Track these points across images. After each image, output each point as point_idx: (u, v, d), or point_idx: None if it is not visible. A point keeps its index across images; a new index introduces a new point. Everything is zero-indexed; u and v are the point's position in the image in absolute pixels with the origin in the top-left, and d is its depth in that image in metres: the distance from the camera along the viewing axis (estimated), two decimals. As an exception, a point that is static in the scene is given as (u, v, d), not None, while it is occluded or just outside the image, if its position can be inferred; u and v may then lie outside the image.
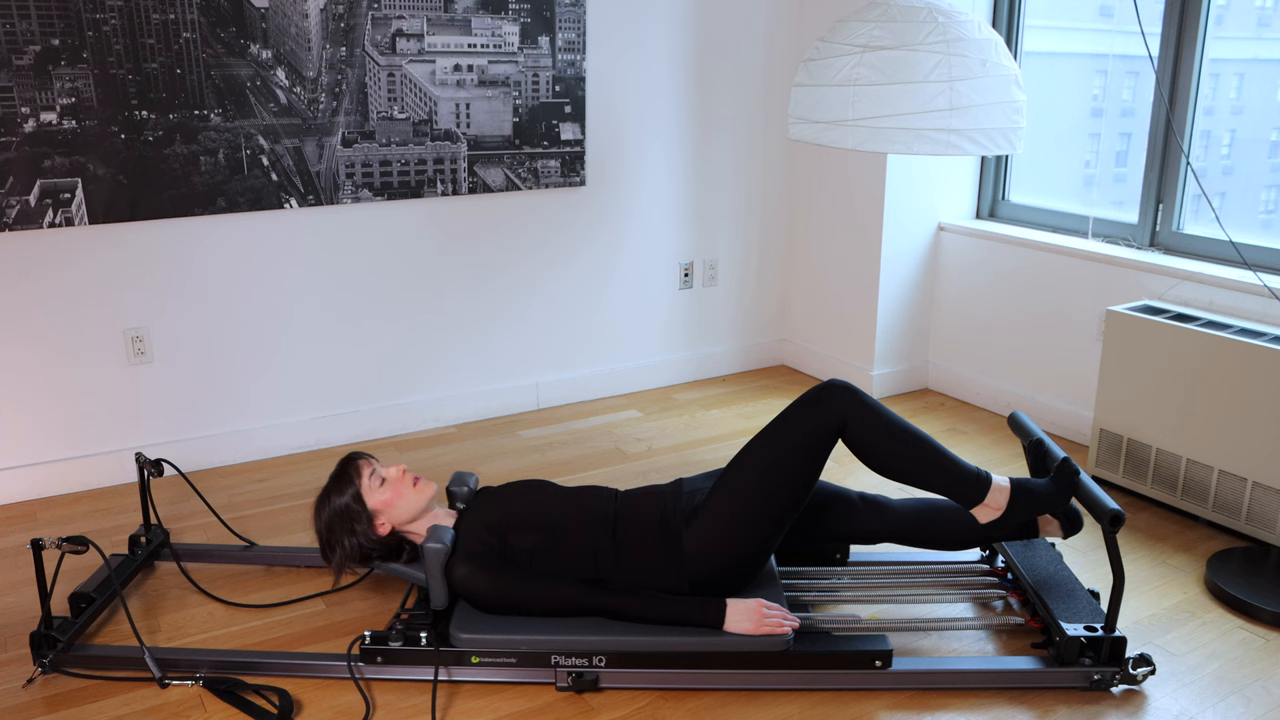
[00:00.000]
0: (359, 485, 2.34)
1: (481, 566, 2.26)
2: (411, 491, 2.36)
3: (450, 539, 2.28)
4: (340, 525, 2.33)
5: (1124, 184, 3.57)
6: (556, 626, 2.26)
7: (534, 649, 2.24)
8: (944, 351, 4.13)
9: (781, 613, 2.26)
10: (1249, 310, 3.05)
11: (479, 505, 2.39)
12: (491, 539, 2.31)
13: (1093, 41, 3.70)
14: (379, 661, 2.27)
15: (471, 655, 2.25)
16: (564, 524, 2.33)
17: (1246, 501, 2.85)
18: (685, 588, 2.30)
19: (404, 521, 2.36)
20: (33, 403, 3.14)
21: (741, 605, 2.25)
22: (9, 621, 2.54)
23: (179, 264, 3.24)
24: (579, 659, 2.24)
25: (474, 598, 2.29)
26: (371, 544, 2.35)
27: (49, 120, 2.95)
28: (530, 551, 2.30)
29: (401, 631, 2.27)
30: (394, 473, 2.38)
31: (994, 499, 2.33)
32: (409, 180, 3.51)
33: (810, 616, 2.44)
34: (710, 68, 4.01)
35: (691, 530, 2.29)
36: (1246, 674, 2.33)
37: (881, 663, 2.24)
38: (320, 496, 2.38)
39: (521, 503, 2.38)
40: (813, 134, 2.48)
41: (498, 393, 3.89)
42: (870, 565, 2.70)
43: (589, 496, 2.40)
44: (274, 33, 3.19)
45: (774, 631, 2.23)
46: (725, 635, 2.23)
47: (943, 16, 2.37)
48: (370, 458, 2.42)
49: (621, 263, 4.03)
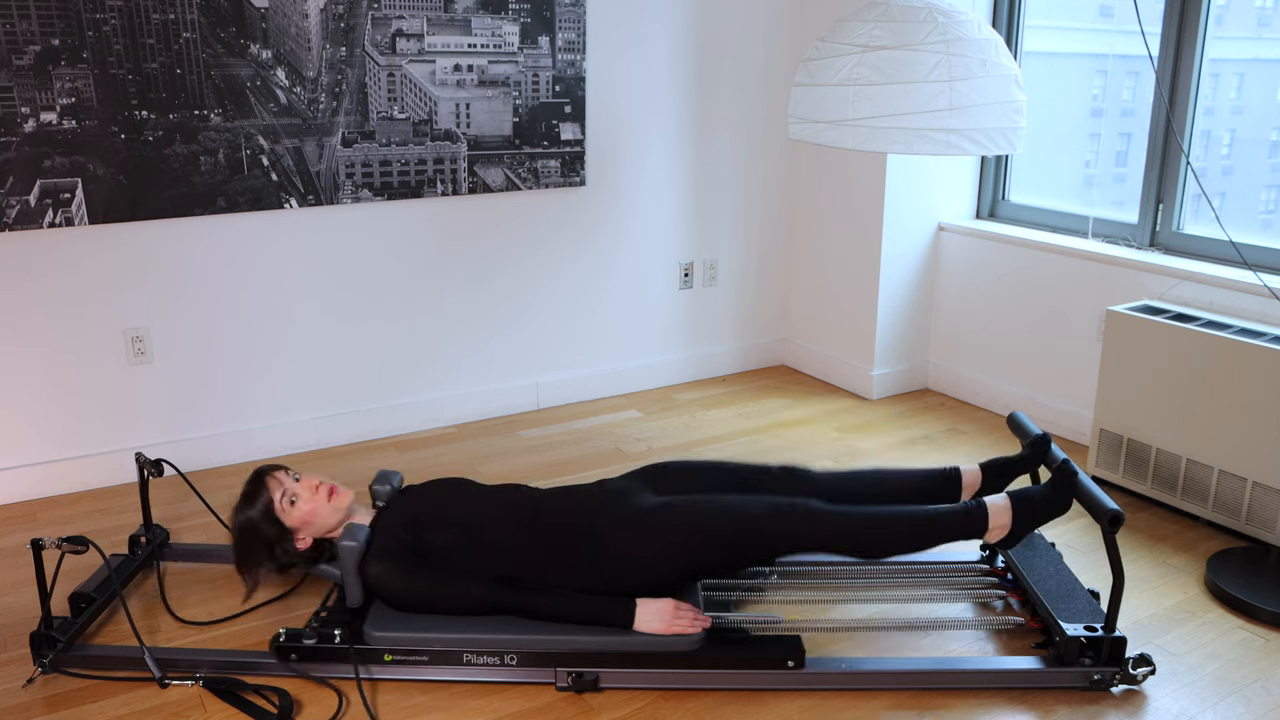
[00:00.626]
0: (274, 509, 2.34)
1: (395, 564, 2.27)
2: (327, 506, 2.36)
3: (364, 537, 2.30)
4: (261, 550, 2.35)
5: (1124, 184, 3.57)
6: (468, 625, 2.27)
7: (446, 647, 2.25)
8: (944, 351, 4.13)
9: (693, 612, 2.27)
10: (1249, 310, 3.05)
11: (398, 503, 2.40)
12: (407, 536, 2.31)
13: (1093, 41, 3.70)
14: (293, 659, 2.28)
15: (385, 653, 2.26)
16: (480, 522, 2.33)
17: (1246, 501, 2.85)
18: (598, 588, 2.30)
19: (324, 532, 2.39)
20: (32, 403, 3.14)
21: (652, 605, 2.26)
22: (9, 621, 2.54)
23: (179, 264, 3.24)
24: (490, 656, 2.25)
25: (387, 595, 2.29)
26: (294, 559, 2.38)
27: (49, 120, 2.95)
28: (446, 549, 2.31)
29: (316, 629, 2.28)
30: (305, 491, 2.36)
31: (997, 520, 2.31)
32: (409, 180, 3.51)
33: (725, 616, 2.44)
34: (710, 68, 4.01)
35: (616, 536, 2.29)
36: (1246, 674, 2.33)
37: (793, 663, 2.23)
38: (236, 520, 2.37)
39: (439, 500, 2.39)
40: (813, 134, 2.48)
41: (498, 393, 3.89)
42: (799, 565, 2.71)
43: (508, 494, 2.41)
44: (274, 33, 3.19)
45: (684, 631, 2.23)
46: (635, 634, 2.24)
47: (943, 16, 2.37)
48: (279, 471, 2.40)
49: (621, 263, 4.03)
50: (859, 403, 4.05)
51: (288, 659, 2.28)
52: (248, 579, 2.39)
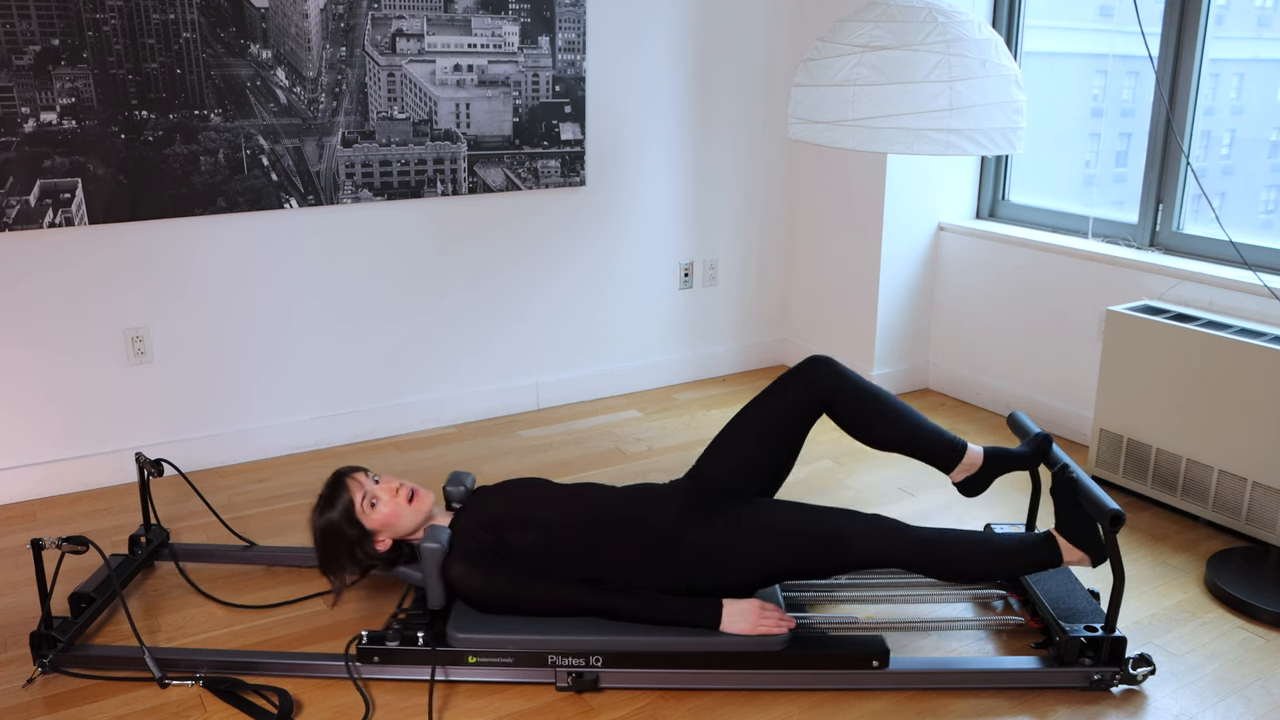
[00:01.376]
0: (355, 512, 2.33)
1: (477, 566, 2.26)
2: (408, 509, 2.34)
3: (447, 539, 2.28)
4: (343, 552, 2.33)
5: (1124, 184, 3.57)
6: (553, 626, 2.26)
7: (530, 649, 2.24)
8: (944, 351, 4.13)
9: (778, 613, 2.26)
10: (1249, 310, 3.05)
11: (475, 504, 2.39)
12: (488, 538, 2.30)
13: (1093, 41, 3.70)
14: (376, 661, 2.27)
15: (469, 655, 2.25)
16: (561, 523, 2.32)
17: (1246, 501, 2.85)
18: (681, 589, 2.30)
19: (405, 534, 2.37)
20: (32, 403, 3.14)
21: (737, 606, 2.25)
22: (9, 621, 2.54)
23: (179, 264, 3.24)
24: (575, 659, 2.24)
25: (470, 597, 2.29)
26: (374, 560, 2.36)
27: (49, 120, 2.95)
28: (526, 550, 2.30)
29: (398, 631, 2.27)
30: (385, 494, 2.34)
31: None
32: (409, 180, 3.51)
33: (808, 617, 2.44)
34: (710, 68, 4.01)
35: (700, 538, 2.29)
36: (1246, 674, 2.33)
37: (879, 663, 2.23)
38: (318, 523, 2.35)
39: (517, 501, 2.38)
40: (813, 134, 2.48)
41: (498, 393, 3.89)
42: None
43: (586, 494, 2.40)
44: (274, 33, 3.19)
45: (770, 632, 2.23)
46: (721, 635, 2.23)
47: (943, 16, 2.37)
48: (359, 473, 2.38)
49: (621, 263, 4.03)
50: (859, 403, 4.04)
51: (370, 661, 2.27)
52: (334, 580, 2.37)
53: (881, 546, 2.26)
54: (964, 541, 2.29)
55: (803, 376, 2.43)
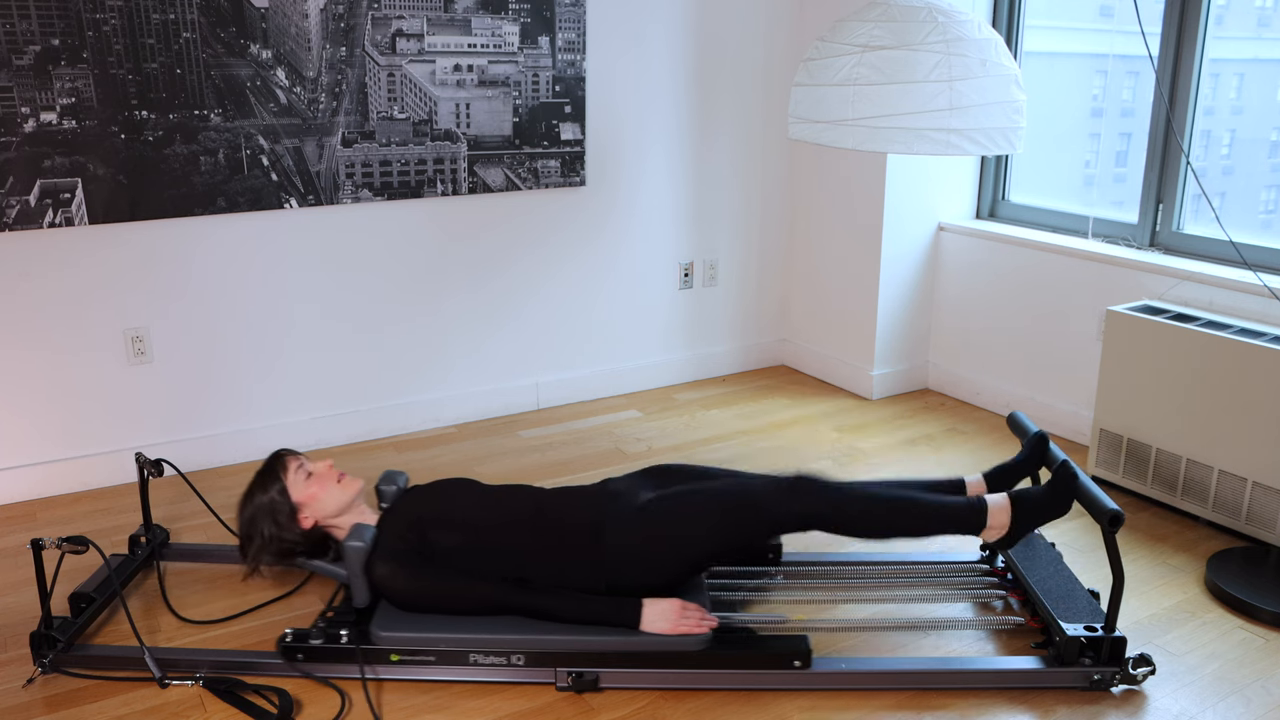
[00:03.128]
0: (284, 479, 2.38)
1: (401, 565, 2.27)
2: (336, 487, 2.39)
3: (371, 537, 2.31)
4: (263, 517, 2.36)
5: (1124, 184, 3.57)
6: (474, 624, 2.27)
7: (452, 647, 2.26)
8: (944, 351, 4.13)
9: (699, 613, 2.27)
10: (1249, 310, 3.05)
11: (403, 504, 2.40)
12: (412, 537, 2.32)
13: (1093, 41, 3.70)
14: (300, 659, 2.28)
15: (391, 653, 2.26)
16: (485, 523, 2.34)
17: (1246, 501, 2.85)
18: (601, 588, 2.30)
19: (328, 516, 2.39)
20: (32, 403, 3.14)
21: (658, 605, 2.26)
22: (9, 621, 2.54)
23: (179, 264, 3.24)
24: (497, 656, 2.25)
25: (394, 596, 2.30)
26: (294, 538, 2.37)
27: (49, 120, 2.95)
28: (451, 551, 2.32)
29: (323, 629, 2.29)
30: (321, 468, 2.42)
31: (995, 519, 2.31)
32: (409, 180, 3.51)
33: (731, 616, 2.44)
34: (710, 68, 4.01)
35: (617, 534, 2.29)
36: (1246, 674, 2.33)
37: (800, 662, 2.23)
38: (246, 490, 2.41)
39: (445, 501, 2.39)
40: (813, 134, 2.48)
41: (498, 393, 3.89)
42: (802, 565, 2.71)
43: (512, 495, 2.42)
44: (274, 33, 3.19)
45: (690, 631, 2.24)
46: (642, 635, 2.24)
47: (943, 16, 2.37)
48: (298, 454, 2.45)
49: (621, 263, 4.03)
50: (859, 403, 4.05)
51: (294, 659, 2.28)
52: (249, 550, 2.38)
53: (794, 506, 2.25)
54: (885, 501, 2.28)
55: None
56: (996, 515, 2.30)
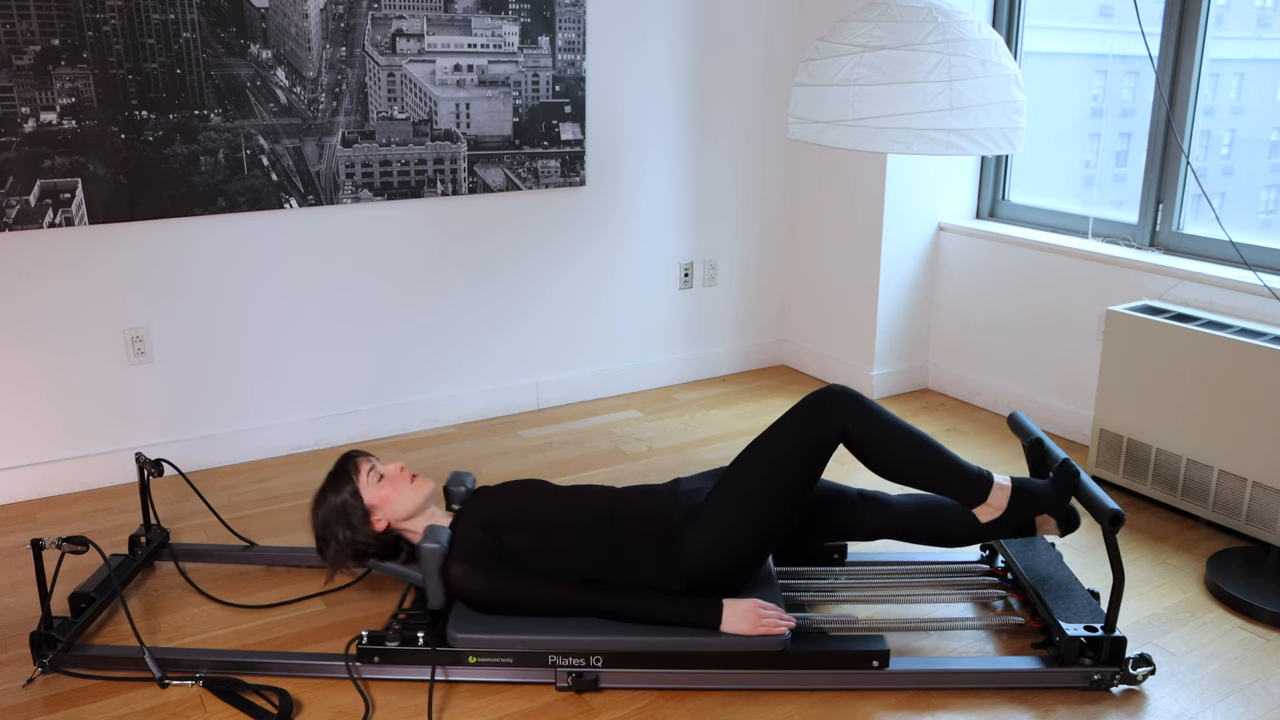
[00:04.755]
0: (357, 481, 2.35)
1: (477, 567, 2.26)
2: (409, 488, 2.36)
3: (446, 539, 2.28)
4: (336, 520, 2.33)
5: (1124, 184, 3.57)
6: (553, 626, 2.26)
7: (531, 649, 2.24)
8: (944, 351, 4.14)
9: (778, 613, 2.26)
10: (1249, 310, 3.05)
11: (475, 505, 2.39)
12: (487, 539, 2.30)
13: (1093, 41, 3.70)
14: (376, 662, 2.27)
15: (469, 655, 2.26)
16: (560, 524, 2.32)
17: (1246, 501, 2.85)
18: (682, 588, 2.29)
19: (401, 518, 2.36)
20: (33, 403, 3.14)
21: (738, 606, 2.25)
22: (9, 621, 2.54)
23: (179, 264, 3.24)
24: (576, 659, 2.24)
25: (470, 598, 2.29)
26: (367, 540, 2.35)
27: (49, 120, 2.95)
28: (526, 551, 2.30)
29: (399, 631, 2.27)
30: (392, 469, 2.39)
31: (995, 498, 2.34)
32: (409, 180, 3.51)
33: (808, 616, 2.44)
34: (710, 68, 4.01)
35: (690, 532, 2.29)
36: (1246, 674, 2.33)
37: (878, 663, 2.24)
38: (318, 492, 2.38)
39: (517, 502, 2.38)
40: (813, 134, 2.48)
41: (498, 393, 3.89)
42: (867, 565, 2.71)
43: (585, 496, 2.40)
44: (274, 33, 3.19)
45: (770, 631, 2.23)
46: (721, 635, 2.23)
47: (943, 16, 2.37)
48: (369, 455, 2.43)
49: (621, 263, 4.03)
50: (859, 403, 4.04)
51: (370, 661, 2.27)
52: (326, 553, 2.37)
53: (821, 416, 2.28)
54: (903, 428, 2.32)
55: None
56: (997, 495, 2.33)
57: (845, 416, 2.29)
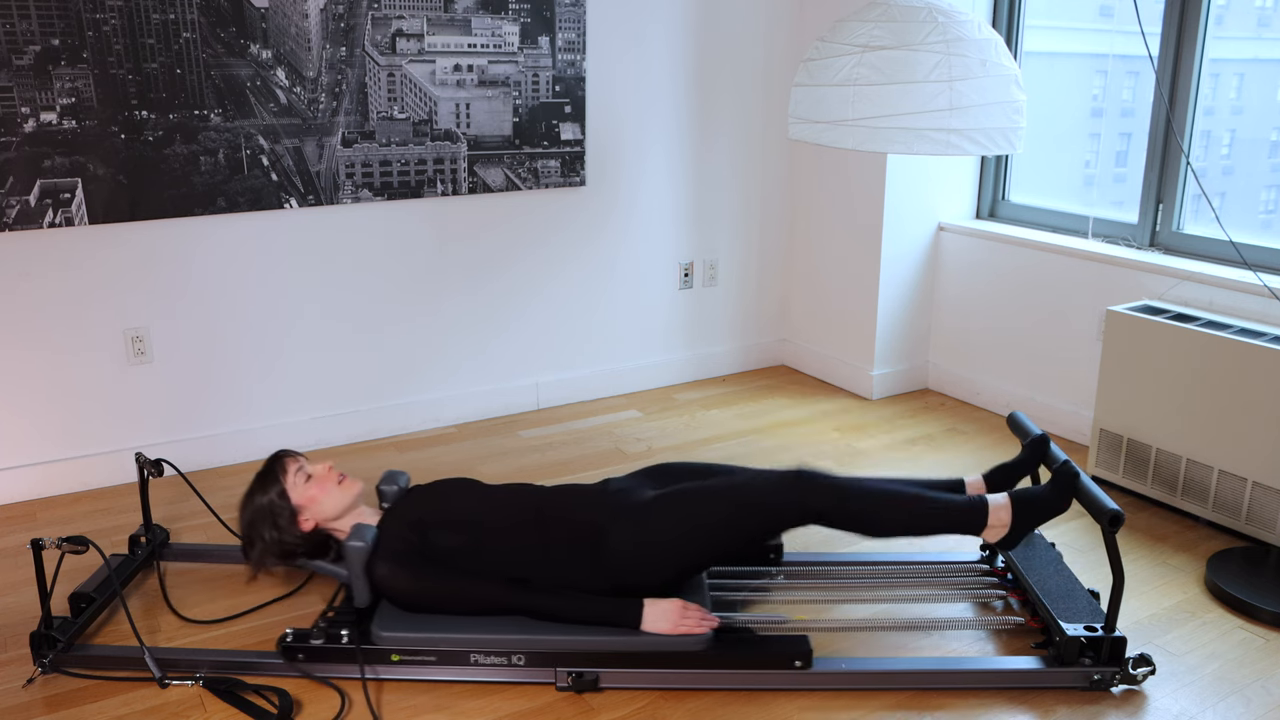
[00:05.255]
0: (284, 481, 2.37)
1: (402, 565, 2.27)
2: (336, 489, 2.39)
3: (372, 537, 2.31)
4: (263, 520, 2.35)
5: (1124, 184, 3.57)
6: (476, 624, 2.27)
7: (453, 647, 2.26)
8: (944, 351, 4.13)
9: (700, 613, 2.27)
10: (1249, 310, 3.05)
11: (403, 504, 2.40)
12: (413, 537, 2.31)
13: (1093, 41, 3.70)
14: (300, 659, 2.28)
15: (392, 653, 2.26)
16: (487, 523, 2.34)
17: (1246, 501, 2.85)
18: (608, 589, 2.30)
19: (328, 518, 2.38)
20: (32, 403, 3.14)
21: (659, 606, 2.26)
22: (9, 621, 2.54)
23: (179, 264, 3.24)
24: (498, 656, 2.25)
25: (395, 596, 2.30)
26: (294, 540, 2.37)
27: (49, 120, 2.95)
28: (453, 551, 2.31)
29: (324, 629, 2.29)
30: (320, 470, 2.41)
31: (996, 518, 2.31)
32: (409, 180, 3.51)
33: (732, 616, 2.44)
34: (710, 68, 4.01)
35: (620, 531, 2.29)
36: (1246, 674, 2.33)
37: (801, 662, 2.23)
38: (246, 493, 2.40)
39: (445, 502, 2.39)
40: (813, 134, 2.48)
41: (498, 393, 3.89)
42: (803, 565, 2.71)
43: (513, 495, 2.41)
44: (274, 33, 3.19)
45: (691, 631, 2.23)
46: (643, 635, 2.24)
47: (943, 16, 2.37)
48: (298, 455, 2.44)
49: (621, 263, 4.03)
50: (859, 403, 4.05)
51: (294, 659, 2.28)
52: (250, 554, 2.38)
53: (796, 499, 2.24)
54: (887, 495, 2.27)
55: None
56: (997, 514, 2.30)
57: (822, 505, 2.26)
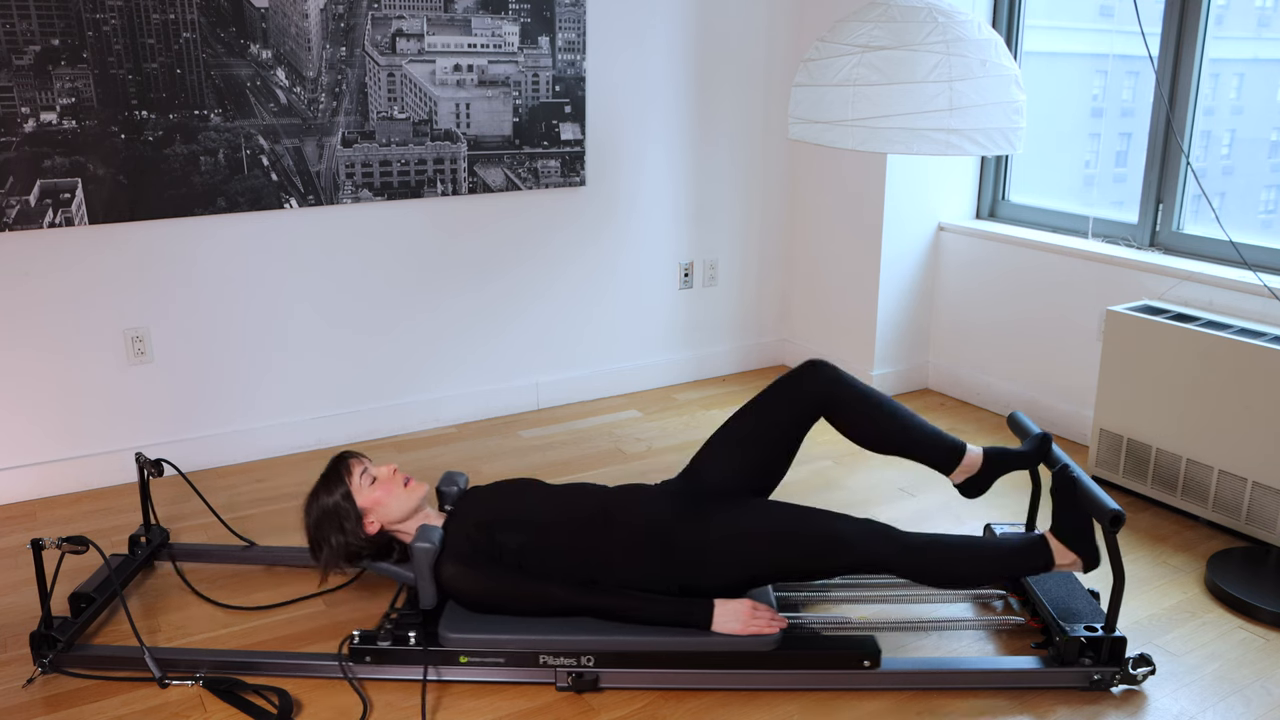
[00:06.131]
0: (349, 484, 2.35)
1: (469, 566, 2.26)
2: (402, 491, 2.37)
3: (439, 538, 2.29)
4: (329, 523, 2.34)
5: (1124, 184, 3.57)
6: (545, 626, 2.26)
7: (522, 649, 2.24)
8: (944, 351, 4.13)
9: (769, 613, 2.26)
10: (1249, 310, 3.05)
11: (467, 505, 2.39)
12: (480, 538, 2.31)
13: (1093, 41, 3.70)
14: (368, 661, 2.28)
15: (460, 655, 2.26)
16: (552, 523, 2.33)
17: (1246, 501, 2.85)
18: (673, 589, 2.30)
19: (394, 521, 2.37)
20: (33, 403, 3.14)
21: (729, 606, 2.25)
22: (9, 621, 2.54)
23: (179, 264, 3.24)
24: (567, 658, 2.24)
25: (462, 597, 2.29)
26: (360, 543, 2.35)
27: (49, 120, 2.95)
28: (518, 551, 2.31)
29: (390, 631, 2.28)
30: (385, 472, 2.39)
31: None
32: (409, 180, 3.51)
33: (799, 617, 2.44)
34: (710, 67, 4.01)
35: (690, 537, 2.29)
36: (1246, 674, 2.33)
37: (870, 662, 2.23)
38: (310, 494, 2.39)
39: (510, 502, 2.38)
40: (813, 134, 2.48)
41: (498, 393, 3.89)
42: None
43: (578, 495, 2.40)
44: (274, 33, 3.19)
45: (760, 632, 2.23)
46: (713, 635, 2.23)
47: (943, 16, 2.37)
48: (362, 456, 2.43)
49: (621, 263, 4.03)
50: (859, 403, 4.04)
51: (363, 661, 2.27)
52: (318, 557, 2.37)
53: (875, 550, 2.25)
54: (954, 546, 2.28)
55: (799, 380, 2.42)
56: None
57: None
